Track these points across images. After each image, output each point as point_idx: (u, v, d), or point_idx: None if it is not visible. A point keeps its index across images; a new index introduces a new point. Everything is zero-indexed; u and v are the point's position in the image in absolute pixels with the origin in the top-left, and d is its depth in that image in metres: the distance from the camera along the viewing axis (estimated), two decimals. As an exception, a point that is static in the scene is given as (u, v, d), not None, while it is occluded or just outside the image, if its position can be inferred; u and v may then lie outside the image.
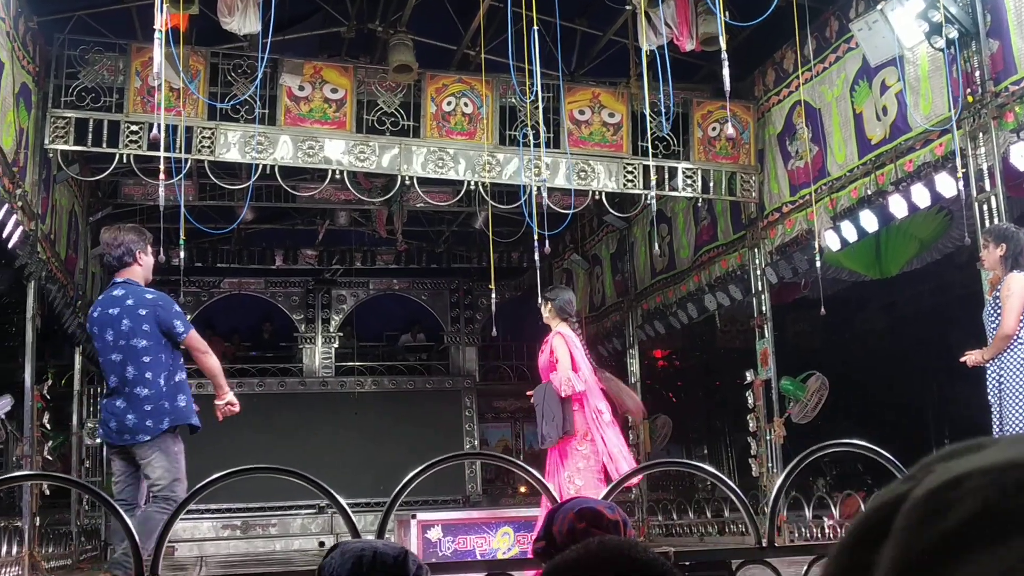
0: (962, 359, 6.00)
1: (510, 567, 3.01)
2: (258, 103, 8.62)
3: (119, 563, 5.06)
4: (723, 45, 5.92)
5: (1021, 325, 5.67)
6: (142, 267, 5.60)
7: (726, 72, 5.87)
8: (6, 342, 13.02)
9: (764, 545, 3.05)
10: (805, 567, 3.12)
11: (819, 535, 9.11)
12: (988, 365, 5.84)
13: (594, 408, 6.58)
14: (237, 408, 5.66)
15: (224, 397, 5.61)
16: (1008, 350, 5.70)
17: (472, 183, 9.44)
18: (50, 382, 10.48)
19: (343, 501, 2.92)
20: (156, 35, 5.44)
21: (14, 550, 8.23)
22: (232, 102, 8.63)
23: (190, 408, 5.47)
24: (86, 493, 3.54)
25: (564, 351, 6.57)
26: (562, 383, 6.46)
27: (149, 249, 5.67)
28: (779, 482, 3.10)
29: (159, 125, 6.58)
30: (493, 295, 9.74)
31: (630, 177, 9.77)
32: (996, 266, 5.92)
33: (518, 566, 3.00)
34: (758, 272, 10.31)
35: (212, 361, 5.55)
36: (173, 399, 5.41)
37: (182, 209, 7.28)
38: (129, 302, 5.41)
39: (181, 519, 2.95)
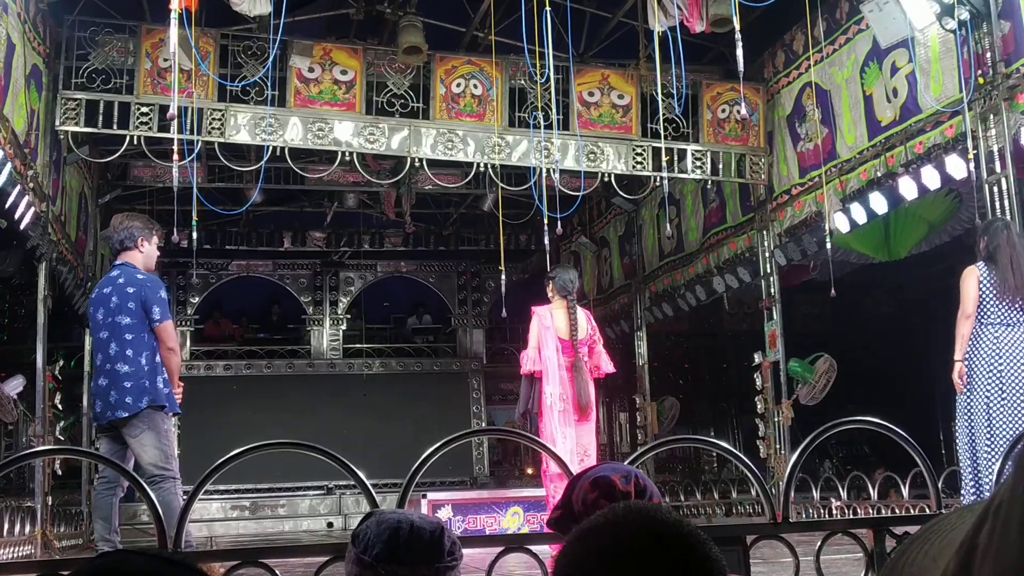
0: None
1: (528, 541, 3.04)
2: (268, 85, 8.63)
3: (106, 539, 5.22)
4: (737, 26, 5.90)
5: (980, 313, 5.81)
6: (142, 254, 5.70)
7: (740, 53, 5.86)
8: (17, 323, 13.08)
9: (779, 521, 3.09)
10: (819, 543, 3.15)
11: (826, 516, 9.15)
12: None
13: (548, 393, 6.72)
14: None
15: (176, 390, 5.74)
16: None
17: (481, 165, 9.45)
18: (61, 363, 10.53)
19: (364, 478, 2.95)
20: (172, 15, 5.44)
21: (27, 529, 8.32)
22: (243, 83, 8.63)
23: (170, 393, 5.53)
24: (111, 467, 3.63)
25: (533, 330, 6.86)
26: (522, 360, 6.89)
27: (154, 240, 5.76)
28: (794, 458, 3.13)
29: (175, 105, 6.60)
30: (503, 276, 9.75)
31: (639, 159, 9.76)
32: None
33: (536, 540, 3.04)
34: (767, 254, 10.31)
35: (176, 359, 5.67)
36: (153, 379, 5.47)
37: (195, 190, 7.30)
38: (120, 281, 5.55)
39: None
